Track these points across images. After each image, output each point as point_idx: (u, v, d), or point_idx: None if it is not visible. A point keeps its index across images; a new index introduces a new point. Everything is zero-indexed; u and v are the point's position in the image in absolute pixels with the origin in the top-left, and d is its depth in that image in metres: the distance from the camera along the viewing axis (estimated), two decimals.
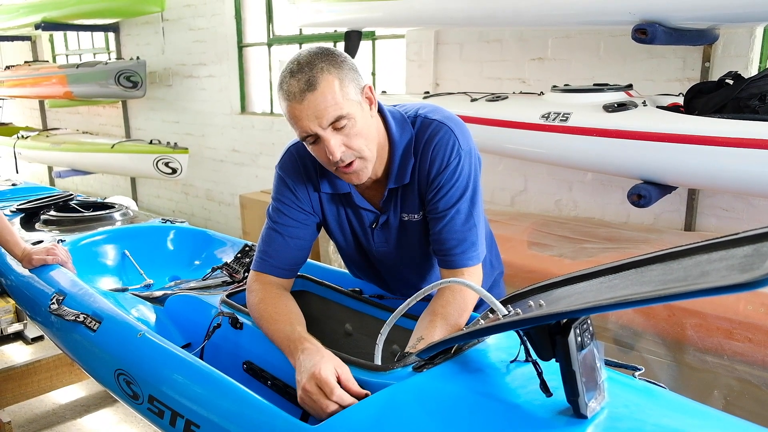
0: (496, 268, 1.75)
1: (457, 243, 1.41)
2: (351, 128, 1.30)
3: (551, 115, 2.58)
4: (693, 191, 2.86)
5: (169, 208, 6.54)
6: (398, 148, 1.42)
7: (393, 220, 1.50)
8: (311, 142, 1.33)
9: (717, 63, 2.75)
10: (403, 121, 1.45)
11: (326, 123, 1.27)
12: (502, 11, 2.73)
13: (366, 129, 1.33)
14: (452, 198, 1.41)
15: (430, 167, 1.40)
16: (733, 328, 2.07)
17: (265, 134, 5.22)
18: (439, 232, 1.42)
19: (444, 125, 1.41)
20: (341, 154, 1.30)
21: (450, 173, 1.40)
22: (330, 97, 1.26)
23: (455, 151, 1.39)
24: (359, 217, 1.54)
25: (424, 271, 1.61)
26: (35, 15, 6.14)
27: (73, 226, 2.57)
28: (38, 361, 2.85)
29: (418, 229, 1.51)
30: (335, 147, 1.29)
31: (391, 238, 1.54)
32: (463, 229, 1.41)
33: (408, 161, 1.43)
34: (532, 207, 3.54)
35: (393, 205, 1.49)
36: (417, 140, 1.42)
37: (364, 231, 1.55)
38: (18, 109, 8.60)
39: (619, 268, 1.05)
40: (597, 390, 1.02)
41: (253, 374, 1.46)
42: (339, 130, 1.29)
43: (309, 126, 1.28)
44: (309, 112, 1.26)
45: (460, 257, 1.42)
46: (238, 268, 1.85)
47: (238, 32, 5.37)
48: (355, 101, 1.30)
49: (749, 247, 0.88)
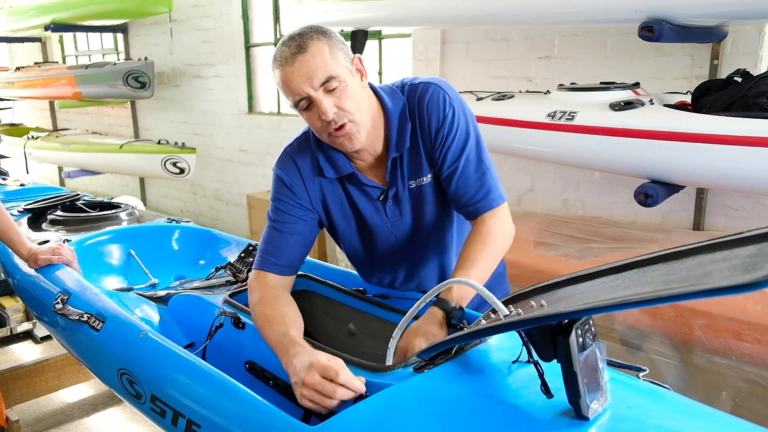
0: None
1: (475, 190, 1.45)
2: (342, 91, 1.33)
3: (557, 114, 2.56)
4: (701, 190, 2.83)
5: (177, 208, 6.57)
6: (393, 116, 1.46)
7: (402, 190, 1.52)
8: (304, 108, 1.36)
9: (726, 60, 2.72)
10: (392, 92, 1.49)
11: (317, 83, 1.31)
12: (508, 9, 2.72)
13: (358, 95, 1.37)
14: (458, 148, 1.45)
15: (429, 125, 1.45)
16: (741, 328, 2.04)
17: (272, 134, 5.23)
18: (455, 185, 1.46)
19: (430, 84, 1.46)
20: (333, 114, 1.33)
21: (449, 125, 1.44)
22: (320, 59, 1.31)
23: (447, 104, 1.44)
24: (367, 197, 1.53)
25: (441, 244, 1.61)
26: (45, 16, 6.19)
27: (79, 225, 2.59)
28: (46, 360, 2.87)
29: (430, 193, 1.52)
30: (327, 107, 1.32)
31: (405, 210, 1.54)
32: (477, 175, 1.46)
33: (405, 127, 1.46)
34: (539, 206, 3.52)
35: (399, 176, 1.50)
36: (410, 105, 1.46)
37: (376, 210, 1.54)
38: (28, 110, 8.67)
39: (621, 268, 1.04)
40: (599, 391, 1.01)
41: (255, 374, 1.46)
42: (330, 92, 1.33)
43: (301, 88, 1.32)
44: (301, 73, 1.31)
45: (482, 203, 1.46)
46: (241, 268, 1.86)
47: (245, 32, 5.38)
48: (345, 67, 1.35)
49: (753, 247, 0.87)
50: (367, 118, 1.40)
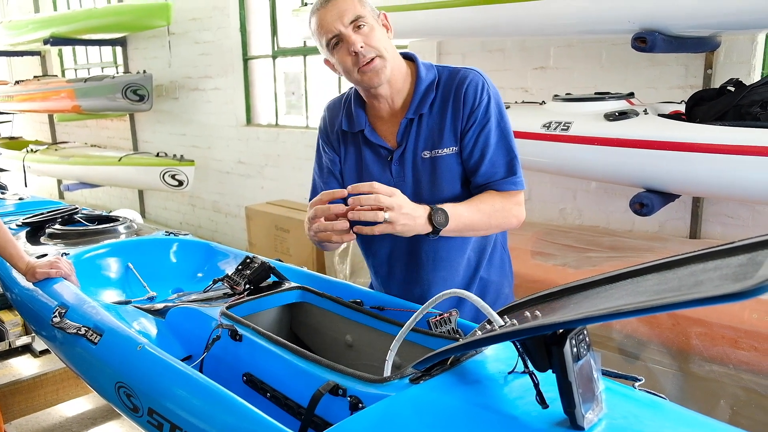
0: (507, 277, 1.76)
1: (503, 172, 1.57)
2: (370, 31, 1.50)
3: (552, 124, 2.58)
4: (697, 199, 2.84)
5: (176, 220, 6.58)
6: (422, 83, 1.59)
7: (409, 155, 1.61)
8: (335, 45, 1.52)
9: (719, 70, 2.74)
10: (430, 66, 1.63)
11: (347, 21, 1.49)
12: (504, 21, 2.75)
13: (384, 40, 1.53)
14: (490, 133, 1.55)
15: (464, 105, 1.55)
16: (738, 336, 2.05)
17: (270, 146, 5.25)
18: (483, 167, 1.56)
19: (472, 70, 1.59)
20: (361, 47, 1.49)
21: (484, 109, 1.55)
22: (350, 3, 1.50)
23: (485, 90, 1.56)
24: (377, 155, 1.65)
25: None
26: (44, 30, 6.23)
27: (77, 239, 2.58)
28: (45, 374, 2.86)
29: (443, 167, 1.59)
30: (356, 40, 1.49)
31: (408, 174, 1.62)
32: (507, 159, 1.57)
33: (429, 94, 1.58)
34: (537, 216, 3.53)
35: (412, 140, 1.60)
36: (446, 82, 1.58)
37: (382, 168, 1.64)
38: (28, 123, 8.70)
39: (615, 278, 1.05)
40: (594, 401, 1.02)
41: (252, 386, 1.46)
42: (359, 30, 1.49)
43: (333, 25, 1.49)
44: (333, 13, 1.49)
45: (506, 182, 1.57)
46: (239, 280, 1.86)
47: (243, 45, 5.42)
48: (373, 14, 1.53)
49: (744, 256, 0.88)
50: (394, 59, 1.55)
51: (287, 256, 4.17)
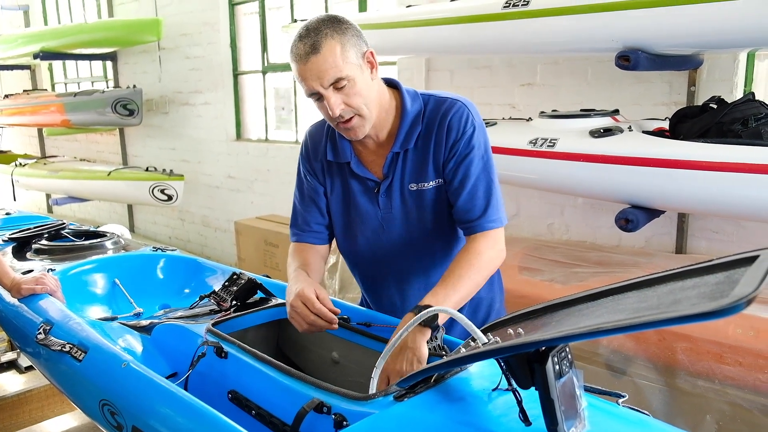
0: (495, 292, 1.77)
1: (480, 209, 1.52)
2: (350, 88, 1.44)
3: (539, 141, 2.61)
4: (683, 214, 2.87)
5: (165, 235, 6.55)
6: (407, 115, 1.56)
7: (396, 187, 1.59)
8: (316, 99, 1.47)
9: (702, 87, 2.78)
10: (415, 95, 1.60)
11: (327, 83, 1.42)
12: (490, 39, 2.78)
13: (365, 90, 1.47)
14: (472, 164, 1.52)
15: (447, 137, 1.53)
16: (723, 352, 2.06)
17: (260, 160, 5.25)
18: (463, 200, 1.53)
19: (458, 101, 1.56)
20: (340, 110, 1.45)
21: (466, 141, 1.52)
22: (331, 60, 1.40)
23: (470, 122, 1.53)
24: (364, 186, 1.63)
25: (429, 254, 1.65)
26: (34, 45, 6.23)
27: (64, 255, 2.57)
28: (29, 391, 2.82)
29: (429, 200, 1.58)
30: (335, 104, 1.44)
31: (396, 206, 1.60)
32: (485, 195, 1.53)
33: (415, 128, 1.55)
34: (525, 231, 3.55)
35: (399, 173, 1.58)
36: (431, 113, 1.56)
37: (369, 200, 1.62)
38: (17, 137, 8.65)
39: (597, 296, 1.06)
40: (577, 418, 1.02)
41: (238, 404, 1.45)
42: (339, 90, 1.43)
43: (313, 85, 1.43)
44: (313, 73, 1.42)
45: (481, 221, 1.52)
46: (225, 297, 1.85)
47: (233, 60, 5.44)
48: (355, 64, 1.44)
49: (721, 275, 0.89)
50: (374, 111, 1.50)
51: (277, 270, 4.16)
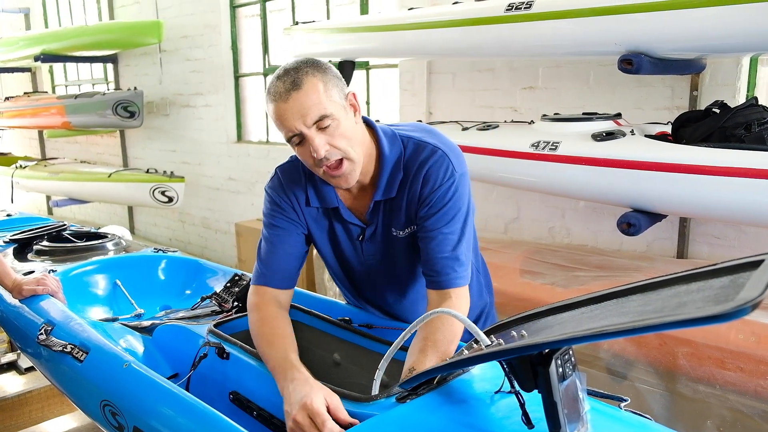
0: (485, 298, 1.75)
1: (446, 263, 1.42)
2: (335, 129, 1.34)
3: (541, 144, 2.60)
4: (684, 219, 2.86)
5: (166, 237, 6.55)
6: (388, 161, 1.45)
7: (380, 232, 1.52)
8: (297, 143, 1.36)
9: (705, 92, 2.78)
10: (393, 137, 1.48)
11: (310, 121, 1.31)
12: (492, 42, 2.78)
13: (350, 132, 1.37)
14: (444, 218, 1.43)
15: (423, 187, 1.43)
16: (724, 357, 2.06)
17: (261, 162, 5.25)
18: (430, 252, 1.43)
19: (438, 149, 1.44)
20: (325, 152, 1.34)
21: (443, 193, 1.42)
22: (314, 97, 1.31)
23: (449, 173, 1.42)
24: (348, 232, 1.55)
25: (407, 289, 1.62)
26: (35, 47, 6.23)
27: (65, 256, 2.57)
28: (30, 392, 2.82)
29: (403, 246, 1.52)
30: (319, 145, 1.32)
31: (379, 252, 1.55)
32: (453, 250, 1.42)
33: (396, 175, 1.45)
34: (526, 234, 3.55)
35: (380, 218, 1.51)
36: (409, 159, 1.45)
37: (353, 244, 1.57)
38: (17, 139, 8.66)
39: (600, 299, 1.05)
40: (579, 421, 1.02)
41: (239, 405, 1.45)
42: (323, 130, 1.33)
43: (294, 125, 1.32)
44: (294, 111, 1.31)
45: (448, 278, 1.42)
46: (227, 298, 1.85)
47: (234, 62, 5.44)
48: (338, 104, 1.35)
49: (726, 278, 0.89)
50: (360, 154, 1.40)
51: None
